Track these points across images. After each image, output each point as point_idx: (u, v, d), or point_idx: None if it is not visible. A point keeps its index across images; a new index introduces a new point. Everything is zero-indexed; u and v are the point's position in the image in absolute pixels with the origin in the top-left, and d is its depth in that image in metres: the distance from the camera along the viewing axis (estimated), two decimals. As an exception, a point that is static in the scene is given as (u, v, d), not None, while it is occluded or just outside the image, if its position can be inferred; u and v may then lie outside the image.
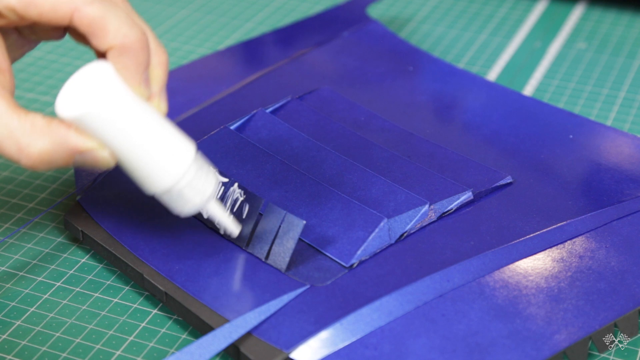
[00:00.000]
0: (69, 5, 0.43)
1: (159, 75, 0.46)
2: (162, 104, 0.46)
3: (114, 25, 0.43)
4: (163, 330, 0.48)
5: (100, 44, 0.44)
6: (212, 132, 0.55)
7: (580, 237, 0.49)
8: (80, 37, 0.46)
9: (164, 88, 0.46)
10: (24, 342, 0.47)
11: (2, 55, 0.44)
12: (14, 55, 0.47)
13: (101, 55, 0.45)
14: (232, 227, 0.48)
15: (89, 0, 0.43)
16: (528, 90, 0.68)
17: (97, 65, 0.43)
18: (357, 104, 0.59)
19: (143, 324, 0.48)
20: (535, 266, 0.48)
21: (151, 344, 0.47)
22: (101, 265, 0.52)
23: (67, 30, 0.47)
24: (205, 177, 0.45)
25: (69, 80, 0.43)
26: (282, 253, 0.47)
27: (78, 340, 0.47)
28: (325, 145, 0.54)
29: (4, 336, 0.47)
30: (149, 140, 0.44)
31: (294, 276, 0.47)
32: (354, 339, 0.44)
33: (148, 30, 0.46)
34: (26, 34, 0.47)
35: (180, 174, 0.44)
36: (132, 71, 0.44)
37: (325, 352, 0.44)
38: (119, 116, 0.43)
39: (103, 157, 0.44)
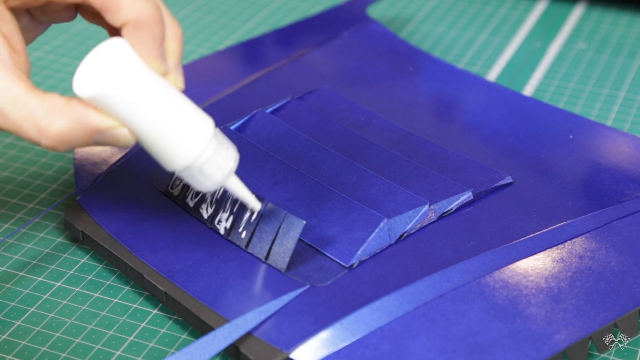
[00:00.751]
0: None
1: (174, 49, 0.45)
2: (178, 79, 0.45)
3: (128, 0, 0.43)
4: (163, 330, 0.48)
5: (115, 19, 0.43)
6: (212, 132, 0.55)
7: (580, 237, 0.50)
8: (92, 16, 0.46)
9: (180, 63, 0.45)
10: (24, 342, 0.47)
11: (17, 36, 0.44)
12: (26, 38, 0.47)
13: (115, 33, 0.45)
14: (254, 202, 0.48)
15: None
16: (528, 90, 0.68)
17: (113, 42, 0.43)
18: (357, 104, 0.59)
19: (143, 324, 0.48)
20: (535, 266, 0.48)
21: (151, 344, 0.47)
22: (101, 265, 0.52)
23: (78, 10, 0.46)
24: (225, 153, 0.45)
25: (85, 58, 0.43)
26: (282, 253, 0.47)
27: (78, 340, 0.47)
28: (325, 145, 0.54)
29: (4, 336, 0.47)
30: (168, 116, 0.43)
31: (294, 276, 0.47)
32: (354, 339, 0.44)
33: (161, 4, 0.45)
34: (38, 15, 0.47)
35: (200, 150, 0.44)
36: (148, 46, 0.43)
37: (325, 352, 0.44)
38: (136, 93, 0.42)
39: (123, 135, 0.43)
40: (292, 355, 0.44)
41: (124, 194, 0.53)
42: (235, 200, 0.50)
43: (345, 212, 0.49)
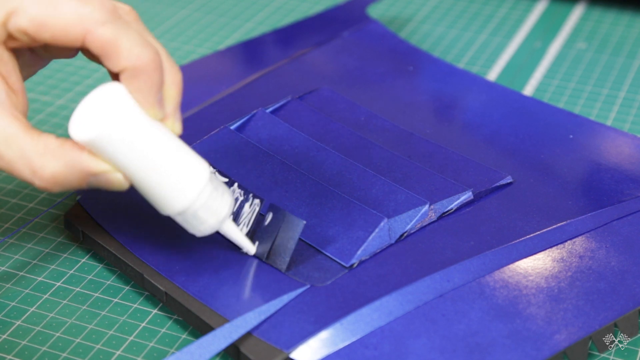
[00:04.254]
0: (81, 27, 0.43)
1: (172, 94, 0.45)
2: (176, 125, 0.45)
3: (127, 47, 0.43)
4: (163, 330, 0.48)
5: (113, 65, 0.43)
6: (212, 132, 0.55)
7: (580, 237, 0.49)
8: (93, 57, 0.46)
9: (178, 108, 0.45)
10: (24, 342, 0.47)
11: (16, 76, 0.44)
12: (27, 73, 0.47)
13: (115, 75, 0.45)
14: (248, 246, 0.48)
15: (101, 22, 0.43)
16: (528, 90, 0.68)
17: (110, 87, 0.43)
18: (357, 104, 0.59)
19: (143, 324, 0.48)
20: (535, 266, 0.48)
21: (151, 344, 0.47)
22: (101, 265, 0.52)
23: (79, 50, 0.47)
24: (220, 198, 0.45)
25: (82, 102, 0.43)
26: (282, 253, 0.47)
27: (78, 340, 0.47)
28: (326, 145, 0.54)
29: (4, 336, 0.47)
30: (163, 162, 0.43)
31: (294, 276, 0.47)
32: (354, 339, 0.44)
33: (161, 49, 0.45)
34: (39, 52, 0.47)
35: (194, 196, 0.44)
36: (146, 93, 0.43)
37: (325, 352, 0.44)
38: (132, 139, 0.43)
39: (117, 180, 0.44)
40: (292, 355, 0.44)
41: (124, 193, 0.53)
42: (235, 200, 0.50)
43: (346, 212, 0.49)
